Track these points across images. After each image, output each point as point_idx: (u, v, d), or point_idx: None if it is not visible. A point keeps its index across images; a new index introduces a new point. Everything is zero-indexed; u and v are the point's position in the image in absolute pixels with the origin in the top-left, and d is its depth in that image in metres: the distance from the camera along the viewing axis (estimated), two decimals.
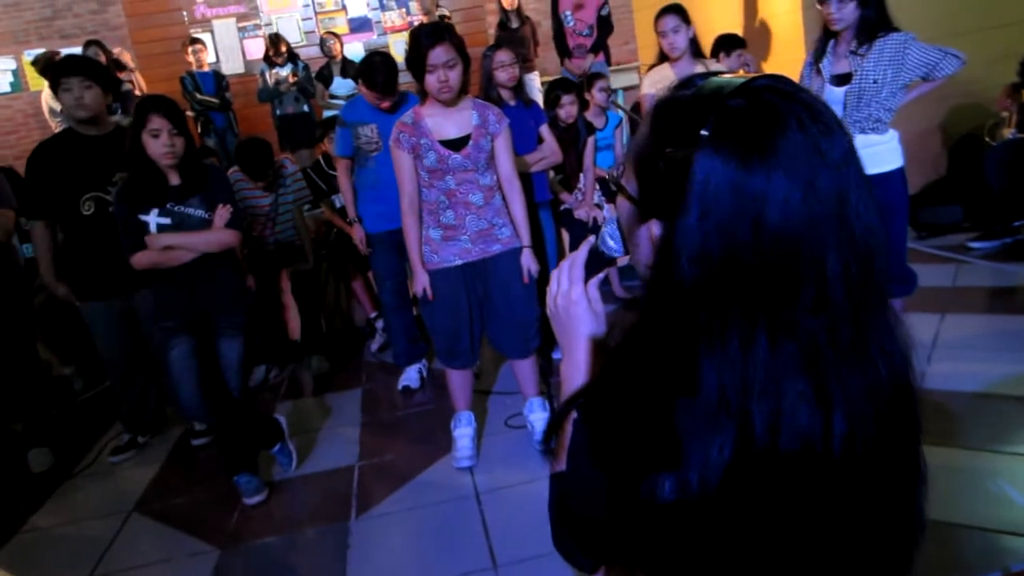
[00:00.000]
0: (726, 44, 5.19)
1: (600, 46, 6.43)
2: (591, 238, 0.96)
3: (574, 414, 0.83)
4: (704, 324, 0.64)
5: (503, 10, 6.79)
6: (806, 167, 0.63)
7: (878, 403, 0.67)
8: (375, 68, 3.49)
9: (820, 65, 2.96)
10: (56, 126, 6.19)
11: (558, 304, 0.96)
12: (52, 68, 3.34)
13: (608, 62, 6.63)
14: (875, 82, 2.87)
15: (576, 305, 0.95)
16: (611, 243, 0.91)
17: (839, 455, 0.65)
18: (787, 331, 0.64)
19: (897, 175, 2.97)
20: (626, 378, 0.73)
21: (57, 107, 6.19)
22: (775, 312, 0.64)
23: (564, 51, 6.45)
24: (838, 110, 2.96)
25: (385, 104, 3.53)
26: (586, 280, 0.96)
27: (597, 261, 0.95)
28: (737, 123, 0.65)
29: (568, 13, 6.30)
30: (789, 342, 0.64)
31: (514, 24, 6.75)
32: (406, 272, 3.88)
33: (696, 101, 0.68)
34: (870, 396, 0.67)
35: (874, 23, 2.85)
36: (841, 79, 2.96)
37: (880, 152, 2.95)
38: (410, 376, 3.96)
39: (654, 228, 0.70)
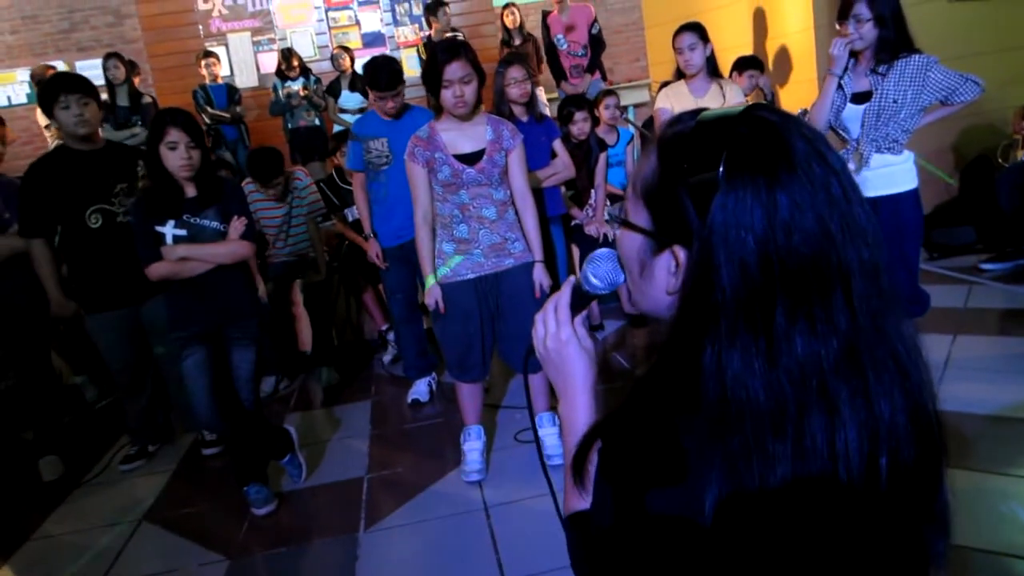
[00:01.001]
0: (740, 65, 5.27)
1: (595, 65, 6.48)
2: (572, 278, 0.98)
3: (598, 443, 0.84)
4: (745, 333, 0.67)
5: (505, 28, 6.86)
6: (820, 174, 0.69)
7: (907, 398, 0.70)
8: (378, 68, 3.54)
9: (842, 82, 2.97)
10: (52, 136, 6.26)
11: (548, 347, 0.97)
12: (47, 85, 3.31)
13: (604, 79, 6.68)
14: (895, 102, 2.88)
15: (567, 345, 0.96)
16: (595, 281, 0.93)
17: (886, 470, 0.68)
18: (827, 325, 0.67)
19: (911, 196, 2.98)
20: (657, 396, 0.75)
21: (43, 121, 6.31)
22: (814, 308, 0.67)
23: (560, 73, 6.51)
24: (856, 128, 2.98)
25: (390, 105, 3.55)
26: (571, 319, 0.97)
27: (579, 299, 0.97)
28: (753, 143, 0.70)
29: (560, 37, 6.37)
30: (831, 335, 0.67)
31: (516, 42, 6.82)
32: (416, 286, 3.90)
33: (703, 131, 0.73)
34: (901, 390, 0.70)
35: (894, 43, 2.86)
36: (860, 97, 2.97)
37: (895, 172, 2.96)
38: (419, 390, 3.97)
39: (680, 254, 0.73)
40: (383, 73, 3.52)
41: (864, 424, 0.67)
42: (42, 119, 6.48)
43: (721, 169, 0.68)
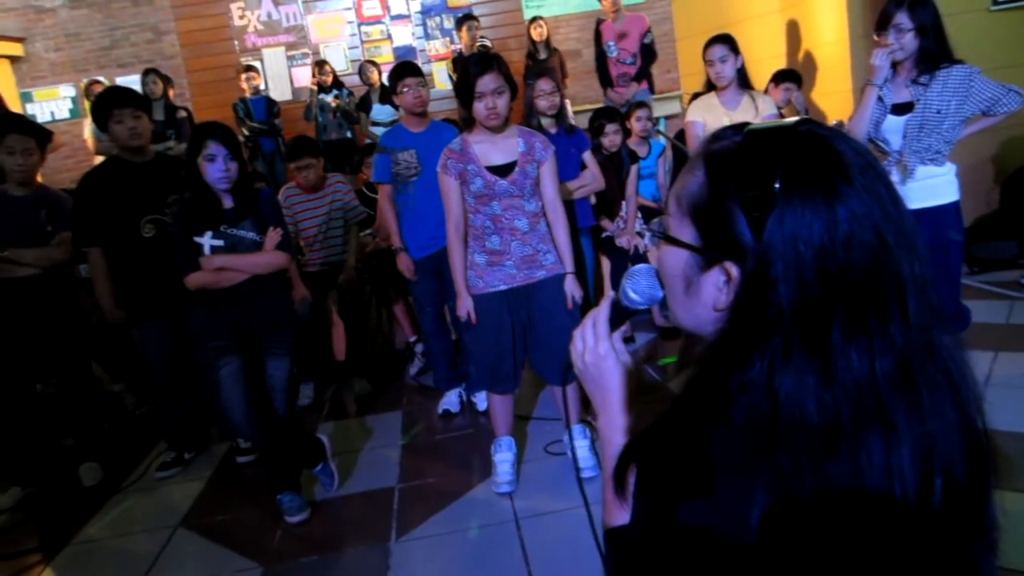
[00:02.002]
0: (778, 78, 5.23)
1: (644, 74, 6.45)
2: (611, 293, 0.99)
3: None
4: (800, 349, 0.67)
5: (532, 41, 6.89)
6: (874, 186, 0.69)
7: (960, 416, 0.70)
8: (400, 62, 3.71)
9: (880, 93, 2.94)
10: (93, 144, 6.39)
11: (587, 361, 0.98)
12: (102, 99, 3.42)
13: (652, 90, 6.65)
14: (938, 112, 2.84)
15: (605, 360, 0.97)
16: (634, 296, 0.93)
17: (941, 489, 0.67)
18: (882, 344, 0.67)
19: (953, 208, 2.94)
20: (691, 410, 0.75)
21: (87, 133, 6.47)
22: (870, 323, 0.67)
23: (607, 81, 6.48)
24: (897, 139, 2.95)
25: (415, 95, 3.59)
26: (610, 334, 0.98)
27: (618, 314, 0.97)
28: (807, 157, 0.69)
29: (612, 43, 6.35)
30: (887, 351, 0.67)
31: (542, 55, 6.84)
32: (445, 298, 3.92)
33: (754, 146, 0.72)
34: (953, 406, 0.69)
35: (935, 53, 2.83)
36: (900, 108, 2.94)
37: (937, 184, 2.92)
38: (450, 400, 3.98)
39: (732, 269, 0.72)
40: (405, 63, 3.73)
41: (918, 441, 0.67)
42: (85, 131, 6.64)
43: (777, 184, 0.68)
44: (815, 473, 0.65)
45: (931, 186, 2.91)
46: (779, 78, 5.24)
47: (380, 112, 6.87)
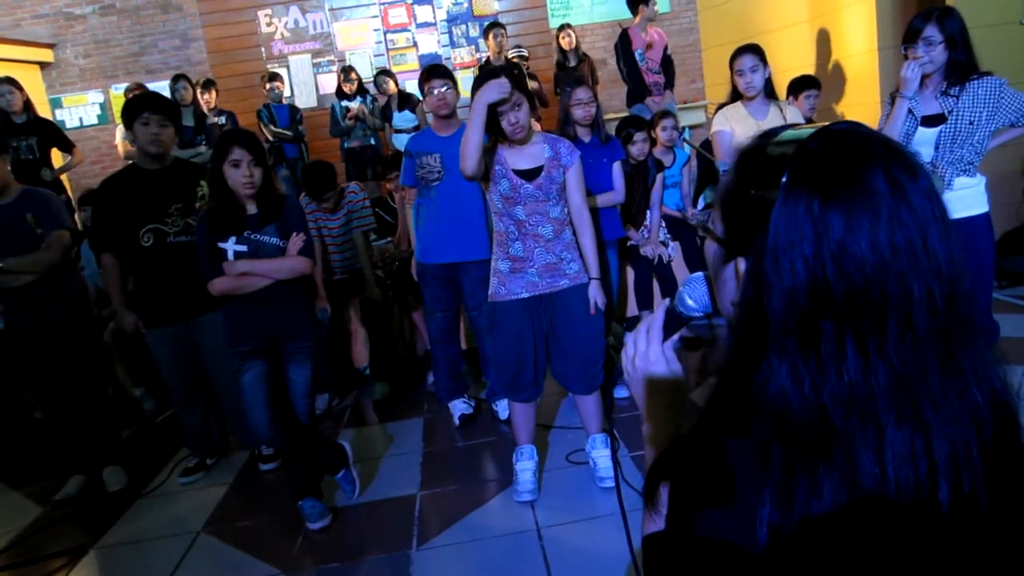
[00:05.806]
0: (796, 87, 5.00)
1: (671, 83, 6.46)
2: (666, 301, 0.99)
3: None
4: (794, 352, 0.66)
5: (561, 49, 6.88)
6: (889, 200, 0.65)
7: (980, 433, 0.67)
8: (428, 68, 3.64)
9: (910, 105, 2.93)
10: (123, 152, 6.47)
11: (636, 366, 0.98)
12: (136, 100, 3.40)
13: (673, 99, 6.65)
14: (971, 123, 2.84)
15: (655, 366, 0.97)
16: (690, 303, 0.93)
17: (948, 499, 0.65)
18: (878, 355, 0.65)
19: (983, 220, 2.92)
20: (710, 417, 0.75)
21: (118, 138, 6.55)
22: (865, 337, 0.65)
23: (644, 89, 6.45)
24: (929, 151, 2.93)
25: (444, 100, 3.55)
26: (662, 341, 0.99)
27: (673, 322, 0.97)
28: (817, 162, 0.68)
29: (640, 51, 6.34)
30: (882, 365, 0.65)
31: (572, 63, 6.83)
32: (456, 306, 3.91)
33: (779, 144, 0.73)
34: (970, 424, 0.66)
35: (964, 65, 2.83)
36: (931, 120, 2.92)
37: (968, 196, 2.90)
38: (458, 407, 3.98)
39: (741, 265, 0.73)
40: (434, 65, 3.68)
41: (918, 456, 0.64)
42: (117, 136, 6.72)
43: (783, 183, 0.68)
44: (811, 479, 0.64)
45: (962, 197, 2.89)
46: (798, 87, 4.93)
47: (401, 119, 6.90)
